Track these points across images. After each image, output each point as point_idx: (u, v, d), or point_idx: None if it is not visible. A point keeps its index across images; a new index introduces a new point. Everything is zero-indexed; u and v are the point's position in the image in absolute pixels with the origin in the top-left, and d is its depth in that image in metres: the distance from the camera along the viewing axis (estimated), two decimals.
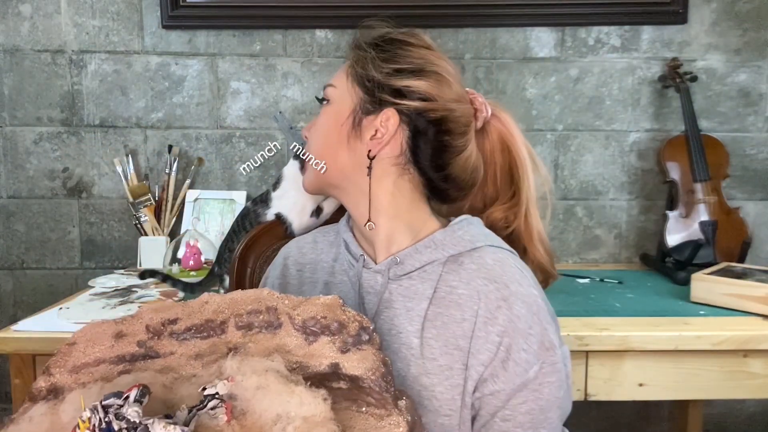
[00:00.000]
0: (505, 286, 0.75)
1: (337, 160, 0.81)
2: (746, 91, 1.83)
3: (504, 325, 0.74)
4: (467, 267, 0.78)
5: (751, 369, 1.24)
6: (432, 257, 0.79)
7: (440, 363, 0.75)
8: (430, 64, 0.79)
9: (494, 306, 0.74)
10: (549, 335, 0.76)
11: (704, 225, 1.66)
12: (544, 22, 1.81)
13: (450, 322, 0.76)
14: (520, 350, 0.73)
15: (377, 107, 0.78)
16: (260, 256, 1.18)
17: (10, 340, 1.22)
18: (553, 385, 0.75)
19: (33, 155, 1.86)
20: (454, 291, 0.77)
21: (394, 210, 0.81)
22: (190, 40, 1.83)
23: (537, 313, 0.75)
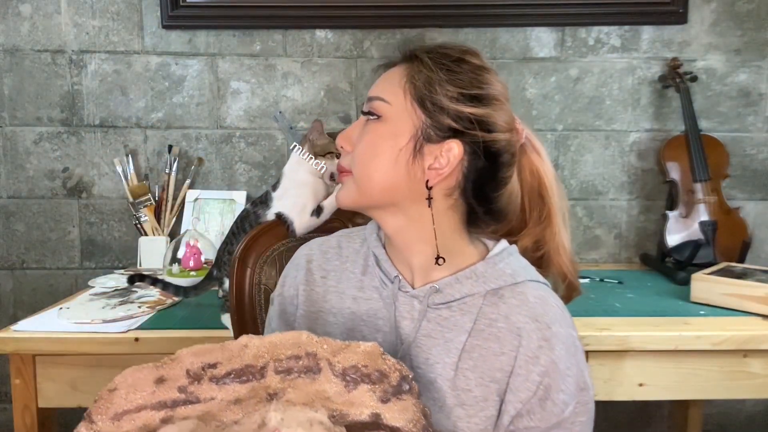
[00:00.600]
0: (547, 327, 0.75)
1: (389, 184, 0.76)
2: (746, 91, 1.83)
3: (545, 365, 0.74)
4: (509, 302, 0.77)
5: (751, 369, 1.24)
6: (472, 290, 0.77)
7: (475, 395, 0.75)
8: (492, 88, 0.75)
9: (536, 345, 0.74)
10: (584, 376, 0.77)
11: (704, 225, 1.66)
12: (544, 22, 1.81)
13: (488, 354, 0.75)
14: (559, 391, 0.74)
15: (441, 134, 0.74)
16: (260, 256, 1.18)
17: (10, 340, 1.23)
18: (584, 423, 0.77)
19: (33, 155, 1.86)
20: (493, 324, 0.76)
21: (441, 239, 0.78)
22: (190, 40, 1.83)
23: (575, 354, 0.76)
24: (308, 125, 1.85)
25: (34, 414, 1.25)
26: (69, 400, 1.26)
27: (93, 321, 1.29)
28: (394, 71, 0.78)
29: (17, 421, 1.25)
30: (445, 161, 0.74)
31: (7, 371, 1.28)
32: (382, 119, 0.76)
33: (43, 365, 1.25)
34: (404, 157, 0.74)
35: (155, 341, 1.23)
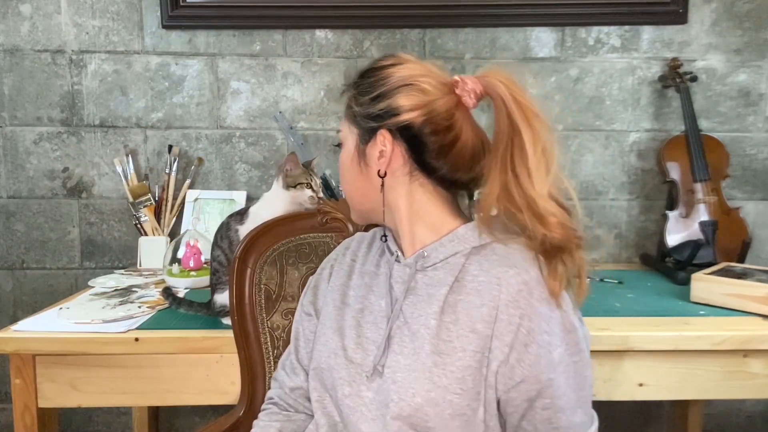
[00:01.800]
0: (525, 271, 0.79)
1: (360, 191, 0.90)
2: (746, 91, 1.83)
3: (525, 308, 0.77)
4: (489, 258, 0.82)
5: (751, 369, 1.24)
6: (455, 249, 0.84)
7: (454, 345, 0.79)
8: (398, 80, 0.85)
9: (515, 290, 0.78)
10: (570, 318, 0.79)
11: (704, 225, 1.66)
12: (544, 22, 1.81)
13: (469, 307, 0.80)
14: (542, 332, 0.77)
15: (371, 134, 0.86)
16: (260, 256, 1.18)
17: (10, 340, 1.22)
18: (579, 363, 0.80)
19: (33, 155, 1.86)
20: (475, 279, 0.81)
21: (414, 214, 0.87)
22: (190, 40, 1.83)
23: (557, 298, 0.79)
24: (308, 125, 1.85)
25: (34, 414, 1.25)
26: (69, 400, 1.26)
27: (93, 321, 1.29)
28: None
29: (17, 421, 1.25)
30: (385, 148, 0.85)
31: (7, 371, 1.28)
32: (342, 145, 0.92)
33: (43, 365, 1.25)
34: (357, 167, 0.88)
35: (155, 341, 1.23)
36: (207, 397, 1.27)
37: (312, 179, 1.30)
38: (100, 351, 1.23)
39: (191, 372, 1.25)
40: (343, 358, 0.87)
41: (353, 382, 0.85)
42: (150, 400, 1.35)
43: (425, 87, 0.84)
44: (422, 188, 0.87)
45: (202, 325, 1.28)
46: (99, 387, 1.26)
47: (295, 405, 0.98)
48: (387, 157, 0.85)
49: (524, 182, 0.79)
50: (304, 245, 1.21)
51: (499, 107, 0.82)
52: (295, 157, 1.31)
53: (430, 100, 0.83)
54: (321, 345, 0.92)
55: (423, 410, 0.78)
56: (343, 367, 0.86)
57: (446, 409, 0.77)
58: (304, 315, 0.99)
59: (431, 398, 0.77)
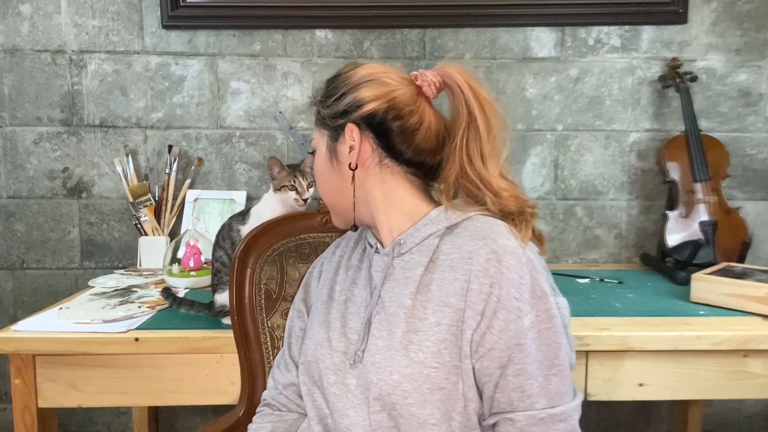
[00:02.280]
0: (494, 241, 0.81)
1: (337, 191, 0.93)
2: (746, 91, 1.83)
3: (494, 275, 0.79)
4: (461, 235, 0.85)
5: (751, 369, 1.24)
6: (429, 231, 0.87)
7: (430, 321, 0.81)
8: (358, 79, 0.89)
9: (484, 259, 0.80)
10: (540, 284, 0.80)
11: (704, 225, 1.66)
12: (544, 22, 1.81)
13: (443, 284, 0.82)
14: (511, 298, 0.78)
15: (339, 131, 0.90)
16: (260, 256, 1.18)
17: (10, 340, 1.22)
18: (552, 330, 0.79)
19: (33, 155, 1.86)
20: (448, 257, 0.84)
21: (389, 203, 0.90)
22: (190, 40, 1.83)
23: (526, 263, 0.80)
24: (308, 125, 1.85)
25: (34, 414, 1.25)
26: (69, 400, 1.26)
27: (93, 321, 1.29)
28: None
29: (17, 421, 1.25)
30: (354, 141, 0.89)
31: (7, 371, 1.28)
32: (316, 151, 0.96)
33: (43, 365, 1.25)
34: (330, 166, 0.92)
35: (155, 341, 1.23)
36: (207, 397, 1.27)
37: (296, 181, 1.32)
38: (100, 351, 1.23)
39: (191, 372, 1.25)
40: (328, 349, 0.89)
41: (338, 370, 0.87)
42: (150, 400, 1.35)
43: (386, 80, 0.88)
44: (393, 176, 0.90)
45: (202, 325, 1.28)
46: (99, 387, 1.26)
47: (287, 404, 0.99)
48: (356, 149, 0.88)
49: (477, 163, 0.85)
50: (304, 245, 1.21)
51: (456, 95, 0.87)
52: (275, 161, 1.33)
53: (391, 90, 0.88)
54: (308, 339, 0.94)
55: (401, 387, 0.79)
56: (327, 357, 0.88)
57: (424, 383, 0.78)
58: (296, 313, 1.02)
59: (408, 374, 0.79)
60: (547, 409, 0.78)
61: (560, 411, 0.78)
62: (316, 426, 0.89)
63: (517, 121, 1.85)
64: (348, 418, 0.84)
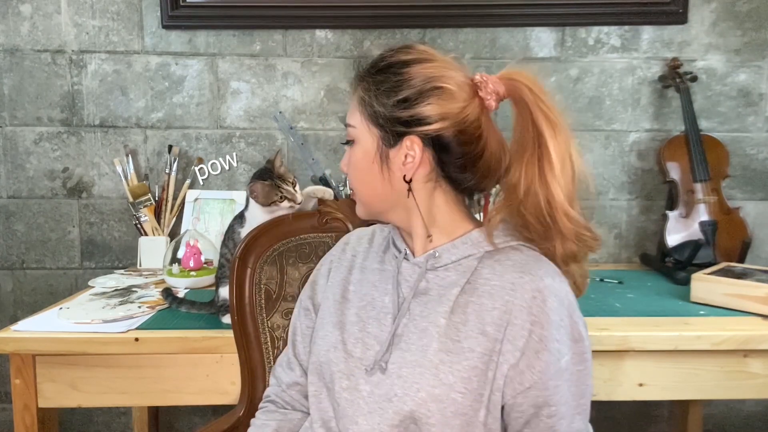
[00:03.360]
0: (540, 279, 0.79)
1: (378, 192, 0.87)
2: (746, 91, 1.83)
3: (537, 315, 0.77)
4: (504, 263, 0.82)
5: (751, 369, 1.24)
6: (468, 252, 0.85)
7: (462, 345, 0.79)
8: (429, 82, 0.81)
9: (529, 296, 0.78)
10: (579, 328, 0.80)
11: (704, 225, 1.66)
12: (544, 22, 1.81)
13: (481, 310, 0.80)
14: (553, 340, 0.77)
15: (397, 139, 0.83)
16: (260, 256, 1.18)
17: (10, 340, 1.22)
18: (583, 372, 0.81)
19: (33, 155, 1.86)
20: (487, 282, 0.81)
21: (432, 217, 0.87)
22: (190, 40, 1.83)
23: (568, 306, 0.80)
24: (308, 125, 1.85)
25: (34, 414, 1.25)
26: (69, 400, 1.26)
27: (93, 321, 1.29)
28: (354, 96, 0.88)
29: (17, 421, 1.25)
30: (413, 153, 0.83)
31: (7, 371, 1.28)
32: (355, 142, 0.87)
33: (43, 365, 1.25)
34: (377, 168, 0.85)
35: (155, 341, 1.23)
36: (207, 397, 1.27)
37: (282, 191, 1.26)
38: (100, 351, 1.23)
39: (191, 372, 1.25)
40: (342, 352, 0.87)
41: (351, 375, 0.85)
42: (150, 400, 1.35)
43: (452, 89, 0.81)
44: (444, 195, 0.86)
45: (202, 325, 1.28)
46: (99, 387, 1.26)
47: (291, 402, 0.98)
48: (415, 163, 0.83)
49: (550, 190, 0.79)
50: (304, 245, 1.21)
51: (524, 113, 0.82)
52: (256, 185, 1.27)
53: (460, 108, 0.81)
54: (320, 339, 0.92)
55: (426, 405, 0.78)
56: (341, 361, 0.87)
57: (449, 406, 0.78)
58: (302, 311, 1.00)
59: (435, 394, 0.78)
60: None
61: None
62: (320, 429, 0.88)
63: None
64: (357, 425, 0.82)
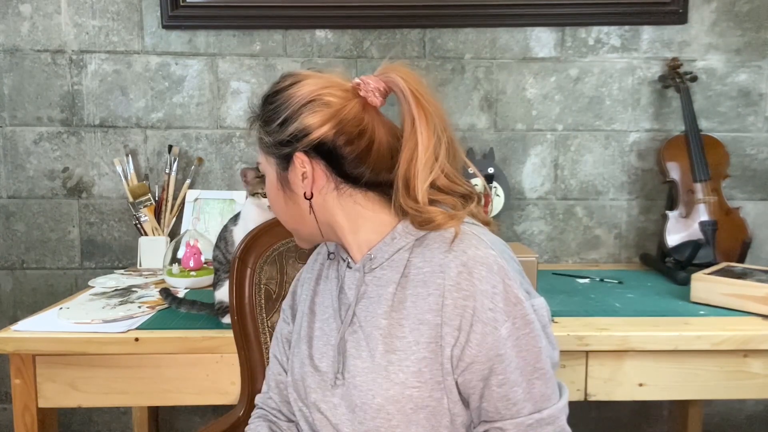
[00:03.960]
0: (463, 252, 0.79)
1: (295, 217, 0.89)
2: (746, 91, 1.83)
3: (467, 288, 0.77)
4: (430, 246, 0.83)
5: (751, 369, 1.24)
6: (398, 246, 0.85)
7: (408, 339, 0.80)
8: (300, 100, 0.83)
9: (455, 272, 0.78)
10: (513, 290, 0.78)
11: (704, 225, 1.66)
12: (544, 22, 1.81)
13: (417, 299, 0.80)
14: (486, 310, 0.77)
15: (288, 160, 0.85)
16: (260, 256, 1.18)
17: (10, 340, 1.22)
18: (530, 336, 0.78)
19: (33, 155, 1.86)
20: (420, 271, 0.82)
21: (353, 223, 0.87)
22: (190, 40, 1.83)
23: (498, 272, 0.78)
24: None
25: (34, 414, 1.25)
26: (69, 400, 1.26)
27: (93, 321, 1.29)
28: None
29: (17, 421, 1.25)
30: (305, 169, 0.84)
31: (7, 371, 1.28)
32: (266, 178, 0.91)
33: (43, 365, 1.25)
34: (282, 195, 0.88)
35: (155, 341, 1.23)
36: (207, 397, 1.27)
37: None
38: (100, 351, 1.23)
39: (191, 372, 1.25)
40: (310, 367, 0.88)
41: (321, 389, 0.86)
42: (150, 400, 1.35)
43: (329, 99, 0.83)
44: (352, 198, 0.86)
45: (202, 325, 1.28)
46: (99, 387, 1.26)
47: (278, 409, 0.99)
48: (309, 177, 0.84)
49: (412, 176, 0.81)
50: None
51: (401, 101, 0.83)
52: (249, 170, 1.34)
53: (336, 111, 0.82)
54: (294, 356, 0.92)
55: (385, 410, 0.78)
56: (310, 375, 0.87)
57: (407, 404, 0.78)
58: (283, 317, 1.01)
59: (390, 396, 0.78)
60: (534, 414, 0.78)
61: (547, 414, 0.78)
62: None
63: (517, 121, 1.85)
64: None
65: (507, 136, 1.86)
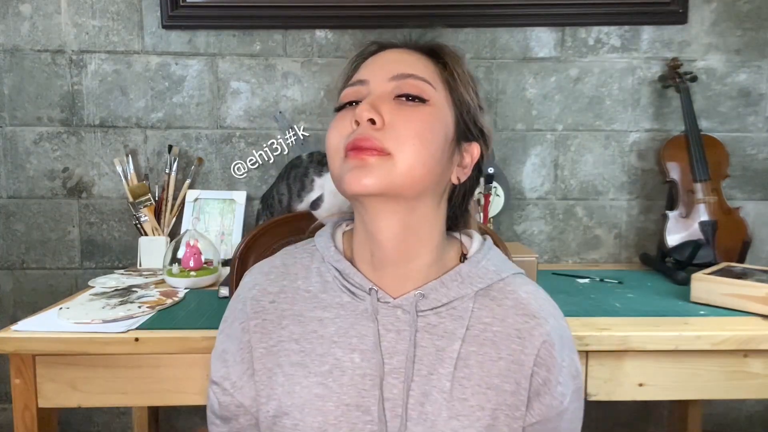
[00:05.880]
0: (546, 321, 0.75)
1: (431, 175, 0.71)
2: (746, 91, 1.83)
3: (545, 359, 0.74)
4: (502, 303, 0.75)
5: (751, 369, 1.24)
6: (460, 292, 0.74)
7: (471, 403, 0.72)
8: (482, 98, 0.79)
9: (538, 343, 0.74)
10: (575, 363, 0.78)
11: (704, 225, 1.66)
12: (544, 22, 1.81)
13: (485, 360, 0.73)
14: (557, 384, 0.74)
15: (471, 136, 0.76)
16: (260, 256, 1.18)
17: (10, 340, 1.22)
18: (579, 407, 0.79)
19: (33, 155, 1.86)
20: (488, 329, 0.74)
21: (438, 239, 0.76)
22: (190, 40, 1.83)
23: (568, 344, 0.77)
24: (308, 125, 1.85)
25: (34, 414, 1.24)
26: (69, 400, 1.26)
27: (93, 321, 1.29)
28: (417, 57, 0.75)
29: (17, 421, 1.25)
30: (468, 161, 0.76)
31: (7, 371, 1.28)
32: (429, 104, 0.72)
33: (43, 365, 1.25)
34: (449, 150, 0.73)
35: (155, 341, 1.23)
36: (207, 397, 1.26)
37: None
38: (100, 351, 1.23)
39: (191, 372, 1.25)
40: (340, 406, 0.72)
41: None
42: (150, 400, 1.34)
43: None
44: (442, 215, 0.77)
45: (202, 325, 1.28)
46: (99, 387, 1.26)
47: None
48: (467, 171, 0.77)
49: None
50: None
51: None
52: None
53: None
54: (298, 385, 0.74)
55: None
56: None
57: None
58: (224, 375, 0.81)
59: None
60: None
61: None
62: None
63: (517, 121, 1.85)
64: None
65: (507, 136, 1.86)
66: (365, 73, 0.75)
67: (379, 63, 0.75)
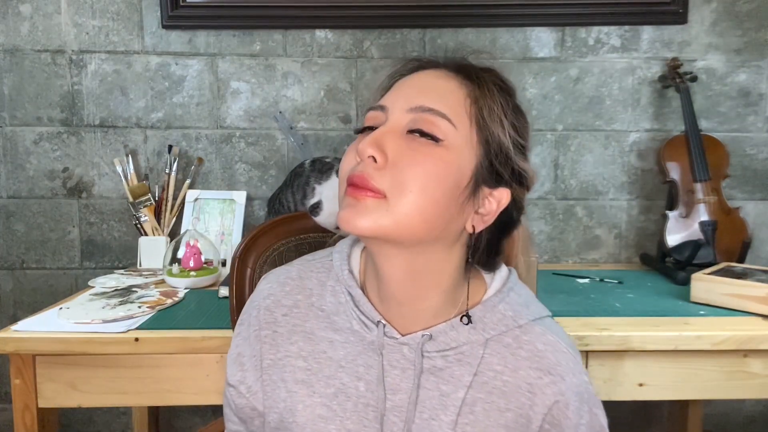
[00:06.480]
0: (561, 379, 0.69)
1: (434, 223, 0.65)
2: (746, 91, 1.83)
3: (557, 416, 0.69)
4: (516, 353, 0.70)
5: (751, 369, 1.24)
6: (470, 338, 0.70)
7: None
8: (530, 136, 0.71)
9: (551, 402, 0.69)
10: (599, 419, 0.73)
11: (704, 225, 1.66)
12: (544, 22, 1.81)
13: (491, 409, 0.69)
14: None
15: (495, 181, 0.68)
16: (260, 256, 1.18)
17: (10, 340, 1.22)
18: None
19: (33, 155, 1.86)
20: (498, 377, 0.69)
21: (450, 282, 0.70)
22: (190, 40, 1.83)
23: (588, 401, 0.72)
24: (308, 125, 1.85)
25: (34, 414, 1.24)
26: (69, 400, 1.26)
27: (93, 321, 1.29)
28: (450, 85, 0.69)
29: (17, 421, 1.25)
30: (491, 208, 0.68)
31: (7, 371, 1.28)
32: (443, 145, 0.65)
33: (43, 365, 1.25)
34: (462, 197, 0.66)
35: (155, 341, 1.23)
36: (207, 397, 1.27)
37: None
38: (100, 351, 1.23)
39: (191, 372, 1.25)
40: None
41: None
42: (150, 400, 1.35)
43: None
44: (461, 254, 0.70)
45: (202, 324, 1.28)
46: (99, 387, 1.26)
47: None
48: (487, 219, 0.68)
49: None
50: (304, 245, 1.21)
51: None
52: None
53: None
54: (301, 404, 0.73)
55: None
56: None
57: None
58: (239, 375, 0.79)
59: None
60: None
61: None
62: None
63: None
64: None
65: None
66: (389, 98, 0.70)
67: (404, 88, 0.70)
